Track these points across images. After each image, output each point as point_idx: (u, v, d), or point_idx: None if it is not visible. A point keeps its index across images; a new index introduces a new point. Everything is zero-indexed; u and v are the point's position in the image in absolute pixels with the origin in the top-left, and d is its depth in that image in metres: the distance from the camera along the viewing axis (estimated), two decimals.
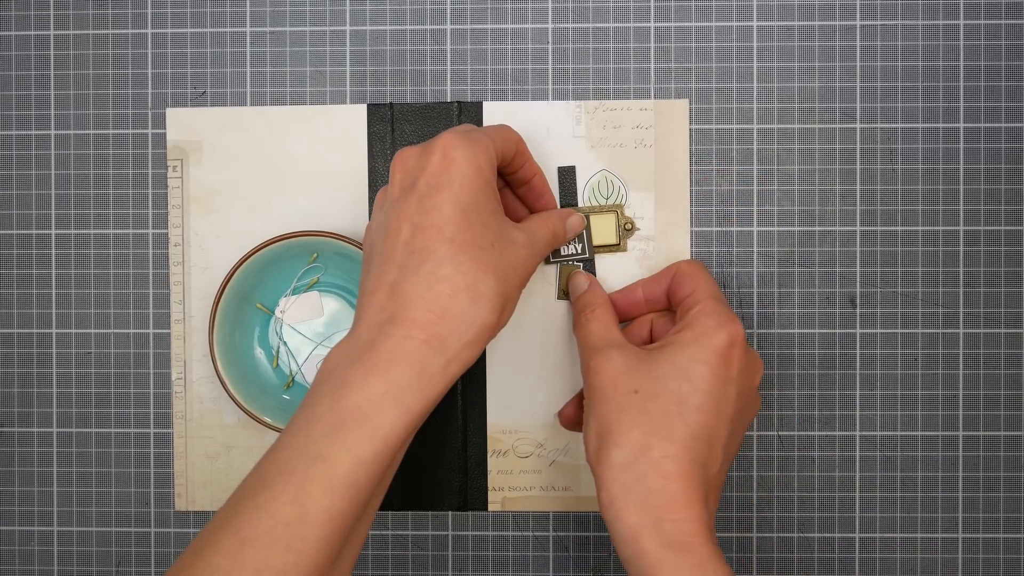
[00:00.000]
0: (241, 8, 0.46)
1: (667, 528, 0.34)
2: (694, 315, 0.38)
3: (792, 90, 0.45)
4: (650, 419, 0.35)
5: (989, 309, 0.45)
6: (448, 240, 0.34)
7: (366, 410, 0.32)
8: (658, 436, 0.35)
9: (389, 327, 0.33)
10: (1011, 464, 0.45)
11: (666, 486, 0.34)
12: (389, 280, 0.34)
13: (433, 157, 0.35)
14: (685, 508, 0.34)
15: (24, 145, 0.46)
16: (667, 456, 0.35)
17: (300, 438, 0.32)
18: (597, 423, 0.37)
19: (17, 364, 0.47)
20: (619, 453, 0.35)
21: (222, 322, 0.43)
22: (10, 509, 0.47)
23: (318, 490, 0.31)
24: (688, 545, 0.33)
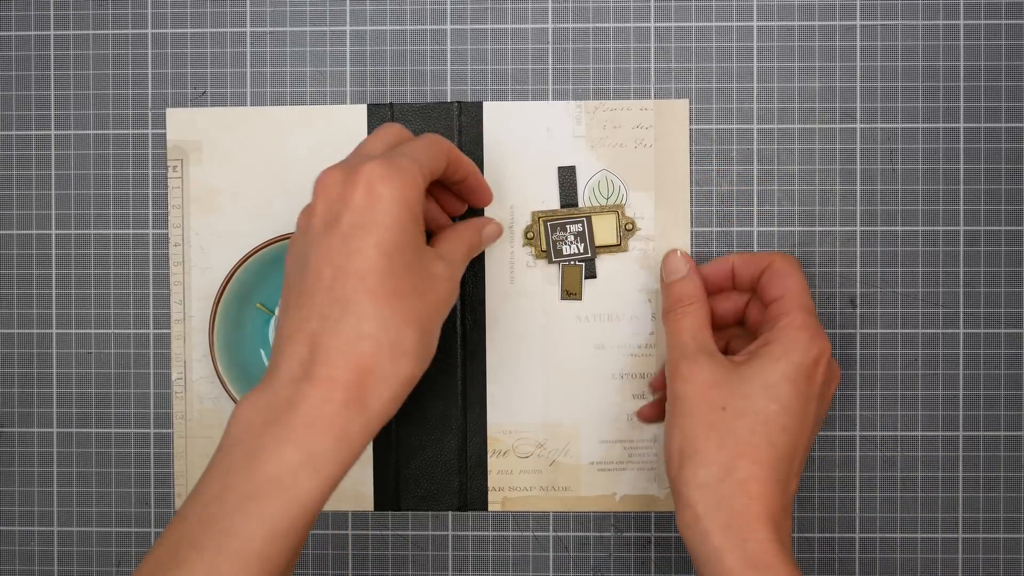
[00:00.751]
0: (241, 8, 0.46)
1: (751, 548, 0.34)
2: (784, 327, 0.37)
3: (792, 90, 0.45)
4: (736, 439, 0.36)
5: (989, 309, 0.45)
6: (371, 291, 0.32)
7: (283, 481, 0.31)
8: (745, 457, 0.35)
9: (307, 386, 0.32)
10: (1011, 464, 0.45)
11: (750, 507, 0.35)
12: (308, 330, 0.33)
13: (357, 191, 0.33)
14: (767, 528, 0.34)
15: (24, 145, 0.46)
16: (752, 477, 0.35)
17: (213, 509, 0.31)
18: (682, 438, 0.37)
19: (17, 364, 0.47)
20: (705, 473, 0.35)
21: (222, 322, 0.43)
22: (10, 509, 0.47)
23: (231, 567, 0.30)
24: (771, 566, 0.34)
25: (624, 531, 0.46)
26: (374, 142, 0.37)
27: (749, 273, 0.41)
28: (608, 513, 0.46)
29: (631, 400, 0.45)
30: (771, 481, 0.35)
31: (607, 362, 0.45)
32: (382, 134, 0.37)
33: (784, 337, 0.37)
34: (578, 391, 0.45)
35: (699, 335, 0.39)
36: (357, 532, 0.46)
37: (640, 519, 0.46)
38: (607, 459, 0.45)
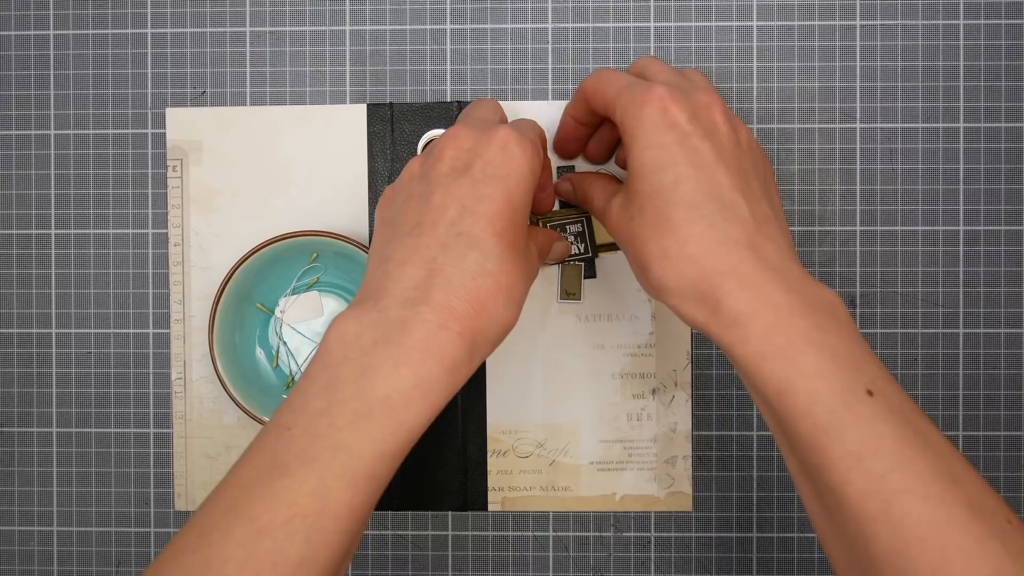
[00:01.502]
0: (241, 8, 0.46)
1: (726, 305, 0.31)
2: (620, 119, 0.36)
3: (792, 90, 0.45)
4: (652, 228, 0.34)
5: (989, 309, 0.45)
6: (498, 234, 0.33)
7: (395, 401, 0.30)
8: (666, 235, 0.33)
9: (424, 309, 0.31)
10: (1011, 464, 0.45)
11: (701, 267, 0.32)
12: (428, 256, 0.32)
13: (493, 146, 0.34)
14: (733, 277, 0.31)
15: (24, 145, 0.46)
16: (683, 243, 0.32)
17: (322, 424, 0.30)
18: (633, 263, 0.36)
19: (17, 364, 0.47)
20: (653, 274, 0.33)
21: (222, 322, 0.43)
22: (10, 509, 0.47)
23: (340, 483, 0.29)
24: (751, 312, 0.31)
25: (624, 531, 0.46)
26: (485, 111, 0.38)
27: (581, 112, 0.41)
28: (608, 513, 0.46)
29: (631, 400, 0.45)
30: (706, 231, 0.32)
31: (607, 362, 0.45)
32: (488, 106, 0.39)
33: (624, 122, 0.35)
34: (578, 391, 0.45)
35: (603, 192, 0.39)
36: None
37: (640, 519, 0.46)
38: (607, 459, 0.45)
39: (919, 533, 0.27)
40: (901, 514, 0.27)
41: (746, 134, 0.36)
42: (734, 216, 0.33)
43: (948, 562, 0.26)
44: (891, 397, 0.29)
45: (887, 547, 0.27)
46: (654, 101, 0.34)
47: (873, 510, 0.28)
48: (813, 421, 0.29)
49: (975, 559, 0.26)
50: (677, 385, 0.45)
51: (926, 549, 0.27)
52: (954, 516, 0.27)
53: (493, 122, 0.37)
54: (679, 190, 0.33)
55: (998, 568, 0.26)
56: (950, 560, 0.26)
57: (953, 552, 0.26)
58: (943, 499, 0.27)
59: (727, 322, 0.31)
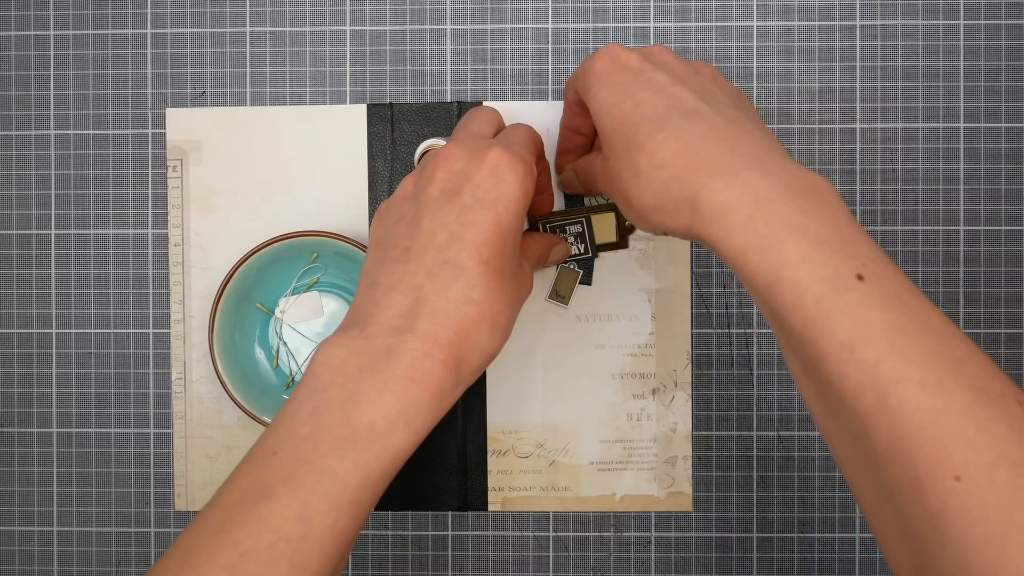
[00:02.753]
0: (241, 8, 0.46)
1: (703, 201, 0.29)
2: (580, 89, 0.36)
3: (792, 90, 0.45)
4: (622, 157, 0.33)
5: (989, 309, 0.45)
6: (484, 262, 0.33)
7: (379, 428, 0.31)
8: (634, 154, 0.32)
9: (409, 337, 0.32)
10: None
11: (672, 170, 0.30)
12: (414, 284, 0.33)
13: (483, 169, 0.34)
14: (705, 171, 0.30)
15: (24, 145, 0.46)
16: (651, 153, 0.31)
17: (307, 449, 0.31)
18: (622, 205, 0.35)
19: (17, 364, 0.47)
20: (633, 198, 0.33)
21: (222, 322, 0.43)
22: (10, 509, 0.47)
23: (324, 507, 0.30)
24: (728, 203, 0.29)
25: (624, 531, 0.46)
26: (480, 124, 0.38)
27: (574, 114, 0.41)
28: (608, 513, 0.46)
29: (631, 400, 0.45)
30: (671, 135, 0.31)
31: (606, 362, 0.45)
32: (485, 116, 0.38)
33: (582, 88, 0.36)
34: (578, 391, 0.45)
35: (587, 164, 0.39)
36: None
37: (640, 519, 0.46)
38: (607, 459, 0.45)
39: (917, 423, 0.25)
40: (897, 405, 0.25)
41: (708, 69, 0.36)
42: (699, 118, 0.31)
43: (947, 452, 0.24)
44: (885, 280, 0.27)
45: (887, 441, 0.26)
46: (603, 53, 0.35)
47: (869, 403, 0.26)
48: (803, 313, 0.27)
49: (976, 446, 0.24)
50: (677, 385, 0.45)
51: (925, 439, 0.25)
52: (954, 402, 0.25)
53: (487, 139, 0.36)
54: (639, 110, 0.32)
55: (1002, 455, 0.24)
56: (948, 449, 0.24)
57: (952, 440, 0.24)
58: (941, 385, 0.25)
59: (707, 219, 0.29)
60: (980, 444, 0.24)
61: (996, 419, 0.25)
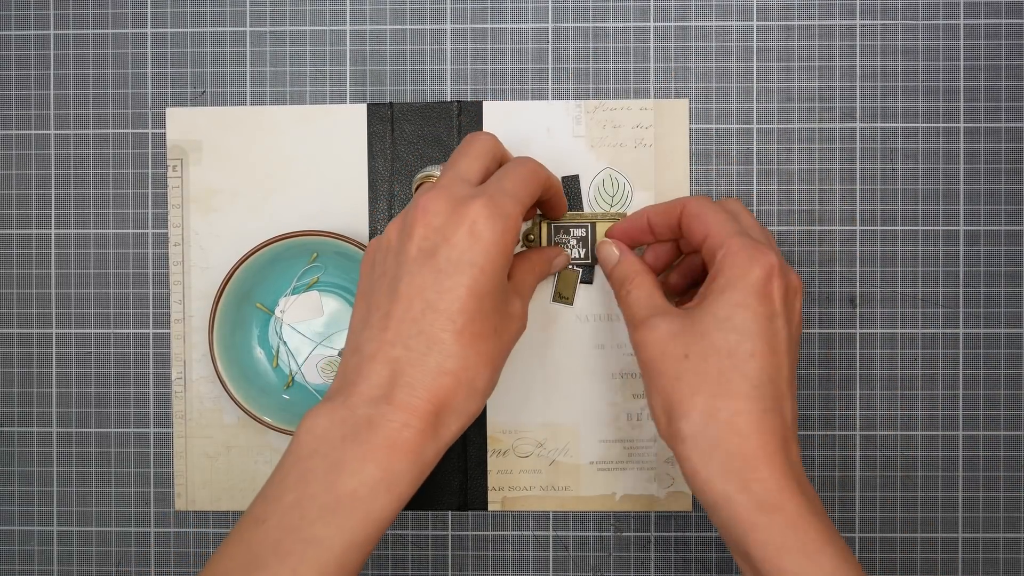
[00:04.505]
0: (241, 8, 0.46)
1: (755, 489, 0.33)
2: (721, 259, 0.36)
3: (792, 90, 0.45)
4: (708, 380, 0.35)
5: (989, 309, 0.45)
6: (458, 332, 0.34)
7: (362, 495, 0.32)
8: (721, 396, 0.34)
9: (388, 410, 0.33)
10: (1011, 464, 0.45)
11: (743, 445, 0.34)
12: (393, 355, 0.34)
13: (461, 229, 0.34)
14: (767, 465, 0.33)
15: (24, 145, 0.46)
16: (736, 413, 0.34)
17: (294, 517, 0.32)
18: (660, 398, 0.36)
19: (17, 364, 0.47)
20: (688, 424, 0.35)
21: (222, 322, 0.43)
22: (10, 509, 0.47)
23: (312, 574, 0.31)
24: (778, 505, 0.33)
25: (624, 531, 0.46)
26: (471, 161, 0.37)
27: (664, 223, 0.41)
28: (608, 513, 0.46)
29: (631, 400, 0.45)
30: (757, 412, 0.34)
31: (607, 362, 0.45)
32: (477, 149, 0.38)
33: (725, 267, 0.36)
34: (578, 391, 0.45)
35: (649, 302, 0.39)
36: None
37: (640, 519, 0.46)
38: (607, 459, 0.45)
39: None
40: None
41: (801, 327, 0.38)
42: (781, 409, 0.35)
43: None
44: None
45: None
46: (765, 266, 0.36)
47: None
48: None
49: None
50: None
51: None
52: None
53: (472, 186, 0.36)
54: (751, 363, 0.35)
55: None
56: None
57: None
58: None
59: (752, 505, 0.33)
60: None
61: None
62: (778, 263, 0.36)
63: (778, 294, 0.36)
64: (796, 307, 0.37)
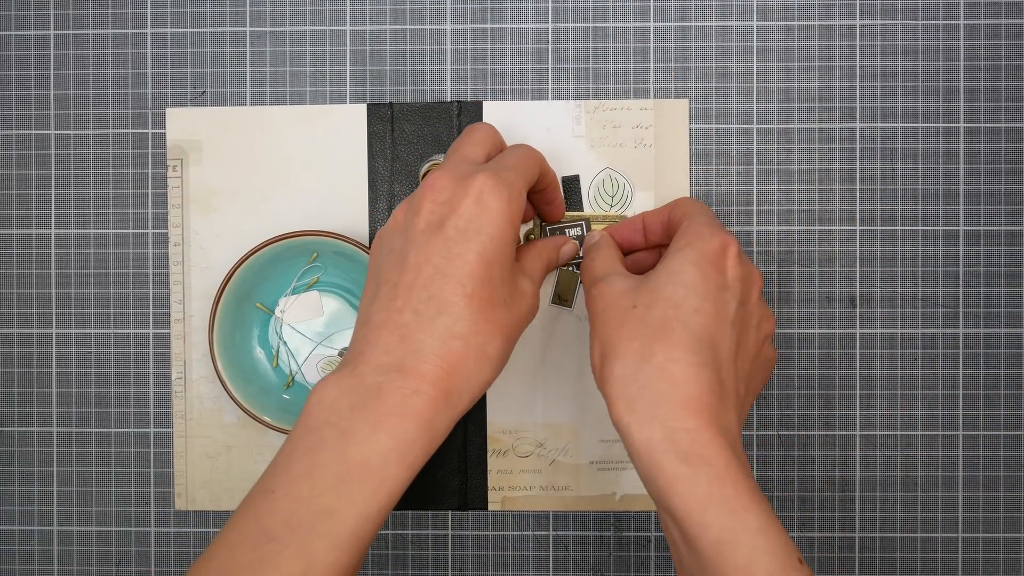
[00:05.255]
0: (241, 8, 0.46)
1: (681, 439, 0.32)
2: (686, 227, 0.37)
3: (792, 90, 0.45)
4: (649, 328, 0.34)
5: (989, 309, 0.45)
6: (468, 295, 0.33)
7: (373, 464, 0.31)
8: (659, 342, 0.34)
9: (397, 376, 0.32)
10: (1011, 464, 0.45)
11: (673, 391, 0.33)
12: (401, 321, 0.33)
13: (467, 199, 0.34)
14: (697, 415, 0.32)
15: (24, 145, 0.46)
16: (671, 360, 0.33)
17: (304, 488, 0.31)
18: (599, 343, 0.36)
19: (17, 364, 0.47)
20: (621, 365, 0.34)
21: (222, 322, 0.43)
22: (10, 509, 0.47)
23: (324, 545, 0.30)
24: (704, 457, 0.32)
25: (624, 531, 0.46)
26: (473, 146, 0.38)
27: (658, 222, 0.42)
28: (608, 512, 0.46)
29: None
30: (694, 365, 0.33)
31: None
32: (479, 136, 0.38)
33: (687, 232, 0.37)
34: (578, 390, 0.45)
35: (609, 265, 0.39)
36: None
37: (640, 519, 0.46)
38: (607, 458, 0.45)
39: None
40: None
41: (769, 346, 0.39)
42: (720, 372, 0.34)
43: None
44: (810, 572, 0.32)
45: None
46: (724, 240, 0.36)
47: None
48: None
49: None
50: None
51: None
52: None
53: (476, 164, 0.36)
54: (695, 318, 0.34)
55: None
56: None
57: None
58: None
59: (677, 456, 0.32)
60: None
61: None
62: (737, 247, 0.36)
63: (732, 272, 0.36)
64: (752, 296, 0.37)
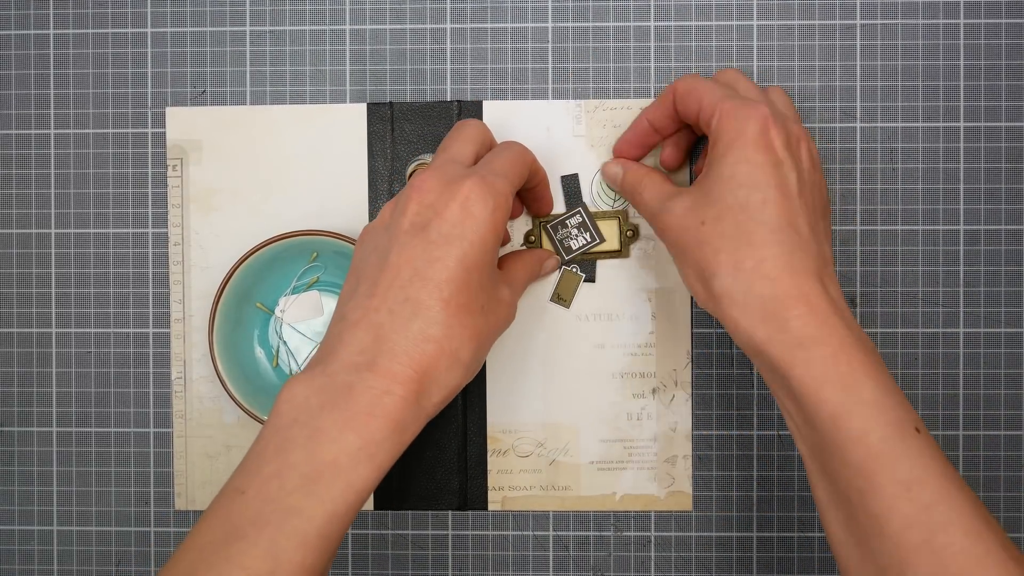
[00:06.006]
0: (241, 8, 0.46)
1: (794, 326, 0.33)
2: (716, 125, 0.37)
3: (792, 90, 0.45)
4: (727, 238, 0.35)
5: (989, 309, 0.45)
6: (444, 300, 0.33)
7: (342, 464, 0.32)
8: (743, 247, 0.35)
9: (368, 375, 0.33)
10: (1011, 464, 0.45)
11: (775, 287, 0.34)
12: (376, 320, 0.34)
13: (453, 204, 0.34)
14: (803, 302, 0.33)
15: (24, 145, 0.46)
16: (760, 260, 0.34)
17: (273, 487, 0.31)
18: (690, 269, 0.37)
19: (17, 364, 0.47)
20: (718, 282, 0.35)
21: (222, 321, 0.43)
22: (10, 509, 0.47)
23: (292, 544, 0.30)
24: (817, 338, 0.33)
25: (624, 531, 0.46)
26: (462, 145, 0.38)
27: (662, 115, 0.41)
28: (608, 512, 0.46)
29: (631, 399, 0.45)
30: (783, 255, 0.34)
31: (607, 361, 0.45)
32: (468, 134, 0.38)
33: (721, 131, 0.36)
34: (578, 390, 0.45)
35: (660, 192, 0.40)
36: (357, 532, 0.46)
37: (640, 518, 0.46)
38: (607, 458, 0.45)
39: (960, 565, 0.29)
40: (944, 544, 0.30)
41: (821, 174, 0.38)
42: (808, 249, 0.35)
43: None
44: (931, 439, 0.32)
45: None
46: (758, 119, 0.36)
47: (915, 539, 0.30)
48: (867, 448, 0.31)
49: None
50: (677, 384, 0.45)
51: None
52: (992, 553, 0.29)
53: (465, 167, 0.37)
54: (765, 211, 0.35)
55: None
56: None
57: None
58: (982, 536, 0.30)
59: (792, 343, 0.33)
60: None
61: None
62: (771, 113, 0.36)
63: (778, 142, 0.36)
64: (802, 154, 0.37)
